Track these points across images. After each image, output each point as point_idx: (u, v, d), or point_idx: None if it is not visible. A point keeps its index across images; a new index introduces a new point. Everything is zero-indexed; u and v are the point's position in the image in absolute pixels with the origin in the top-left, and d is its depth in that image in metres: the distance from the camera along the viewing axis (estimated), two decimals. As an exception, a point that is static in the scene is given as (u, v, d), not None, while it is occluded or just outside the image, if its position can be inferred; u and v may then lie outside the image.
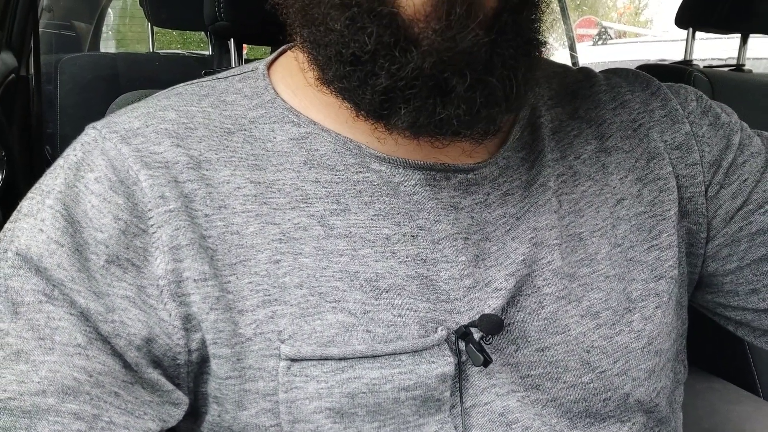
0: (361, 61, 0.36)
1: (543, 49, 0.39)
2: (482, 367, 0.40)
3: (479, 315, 0.40)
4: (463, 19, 0.34)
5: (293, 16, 0.40)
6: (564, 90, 0.49)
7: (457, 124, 0.36)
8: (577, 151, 0.46)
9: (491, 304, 0.41)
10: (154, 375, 0.37)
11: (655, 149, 0.47)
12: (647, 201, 0.46)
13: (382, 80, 0.36)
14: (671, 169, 0.47)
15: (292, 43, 0.48)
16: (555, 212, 0.44)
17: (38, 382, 0.34)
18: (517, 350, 0.42)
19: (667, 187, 0.47)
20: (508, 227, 0.43)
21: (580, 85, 0.50)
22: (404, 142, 0.42)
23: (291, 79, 0.45)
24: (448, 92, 0.36)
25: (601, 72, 0.53)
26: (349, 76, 0.37)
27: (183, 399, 0.39)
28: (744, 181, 0.47)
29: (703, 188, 0.47)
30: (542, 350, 0.42)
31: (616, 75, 0.52)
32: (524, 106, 0.46)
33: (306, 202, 0.40)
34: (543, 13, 0.39)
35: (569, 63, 2.75)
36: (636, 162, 0.47)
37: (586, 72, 0.52)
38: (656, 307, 0.45)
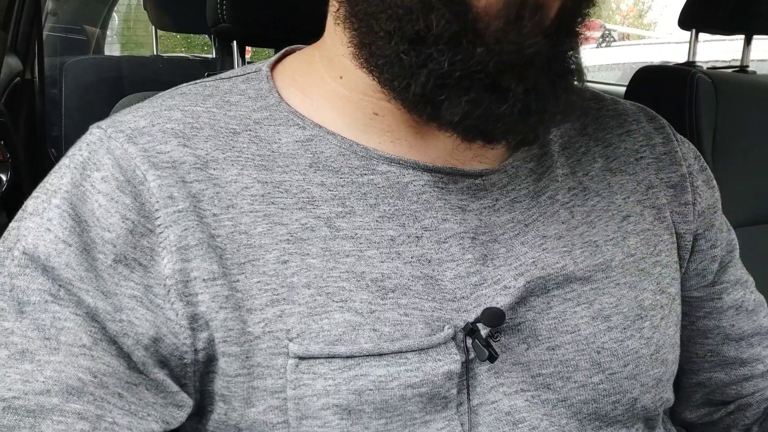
0: (425, 42, 0.36)
1: (577, 78, 0.40)
2: (488, 362, 0.40)
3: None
4: (532, 26, 0.35)
5: None
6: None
7: (508, 123, 0.37)
8: (585, 168, 0.48)
9: (499, 301, 0.41)
10: (160, 375, 0.38)
11: (652, 182, 0.49)
12: (648, 221, 0.48)
13: (443, 66, 0.35)
14: (666, 202, 0.49)
15: (296, 45, 0.48)
16: (563, 223, 0.45)
17: (43, 382, 0.34)
18: (528, 349, 0.42)
19: (661, 216, 0.48)
20: (516, 232, 0.43)
21: (587, 104, 0.51)
22: (416, 144, 0.42)
23: (302, 78, 0.45)
24: (503, 91, 0.36)
25: (608, 96, 0.54)
26: (408, 54, 0.36)
27: (187, 401, 0.39)
28: (713, 258, 0.51)
29: (693, 227, 0.50)
30: (553, 349, 0.42)
31: (622, 103, 0.53)
32: (554, 125, 0.48)
33: (312, 204, 0.41)
34: (580, 45, 0.40)
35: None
36: (637, 186, 0.48)
37: (593, 92, 0.53)
38: (661, 318, 0.46)
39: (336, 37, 0.42)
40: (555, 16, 0.37)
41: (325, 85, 0.43)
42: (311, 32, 0.46)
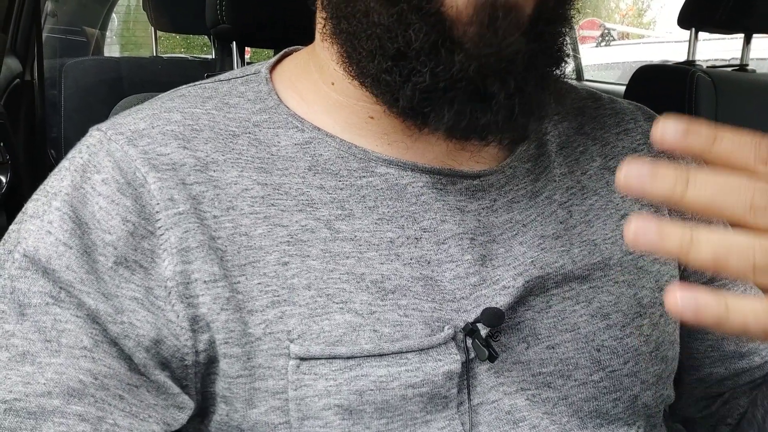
0: (406, 57, 0.36)
1: (566, 63, 0.41)
2: (488, 361, 0.40)
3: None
4: (507, 27, 0.35)
5: (329, 5, 0.40)
6: (570, 105, 0.51)
7: (495, 129, 0.38)
8: (583, 167, 0.48)
9: (499, 301, 0.41)
10: (161, 377, 0.38)
11: None
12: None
13: (425, 78, 0.36)
14: None
15: (295, 46, 0.49)
16: (561, 223, 0.45)
17: (44, 384, 0.34)
18: (527, 348, 0.42)
19: (658, 214, 0.48)
20: (515, 232, 0.44)
21: (585, 103, 0.51)
22: (414, 145, 0.43)
23: (298, 82, 0.45)
24: (487, 98, 0.37)
25: (605, 95, 0.54)
26: (391, 71, 0.37)
27: (188, 403, 0.39)
28: None
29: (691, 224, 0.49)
30: (552, 347, 0.43)
31: (619, 102, 0.53)
32: (547, 118, 0.48)
33: (312, 206, 0.41)
34: (568, 29, 0.40)
35: (572, 65, 2.75)
36: None
37: (590, 92, 0.53)
38: (660, 315, 0.46)
39: (324, 49, 0.43)
40: (532, 12, 0.37)
41: (319, 90, 0.44)
42: (310, 33, 0.46)
